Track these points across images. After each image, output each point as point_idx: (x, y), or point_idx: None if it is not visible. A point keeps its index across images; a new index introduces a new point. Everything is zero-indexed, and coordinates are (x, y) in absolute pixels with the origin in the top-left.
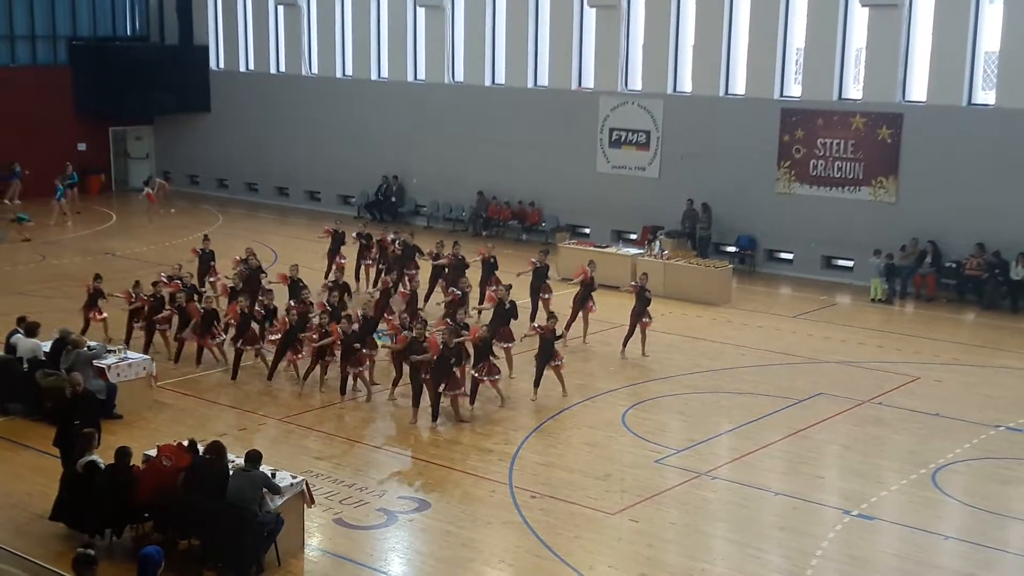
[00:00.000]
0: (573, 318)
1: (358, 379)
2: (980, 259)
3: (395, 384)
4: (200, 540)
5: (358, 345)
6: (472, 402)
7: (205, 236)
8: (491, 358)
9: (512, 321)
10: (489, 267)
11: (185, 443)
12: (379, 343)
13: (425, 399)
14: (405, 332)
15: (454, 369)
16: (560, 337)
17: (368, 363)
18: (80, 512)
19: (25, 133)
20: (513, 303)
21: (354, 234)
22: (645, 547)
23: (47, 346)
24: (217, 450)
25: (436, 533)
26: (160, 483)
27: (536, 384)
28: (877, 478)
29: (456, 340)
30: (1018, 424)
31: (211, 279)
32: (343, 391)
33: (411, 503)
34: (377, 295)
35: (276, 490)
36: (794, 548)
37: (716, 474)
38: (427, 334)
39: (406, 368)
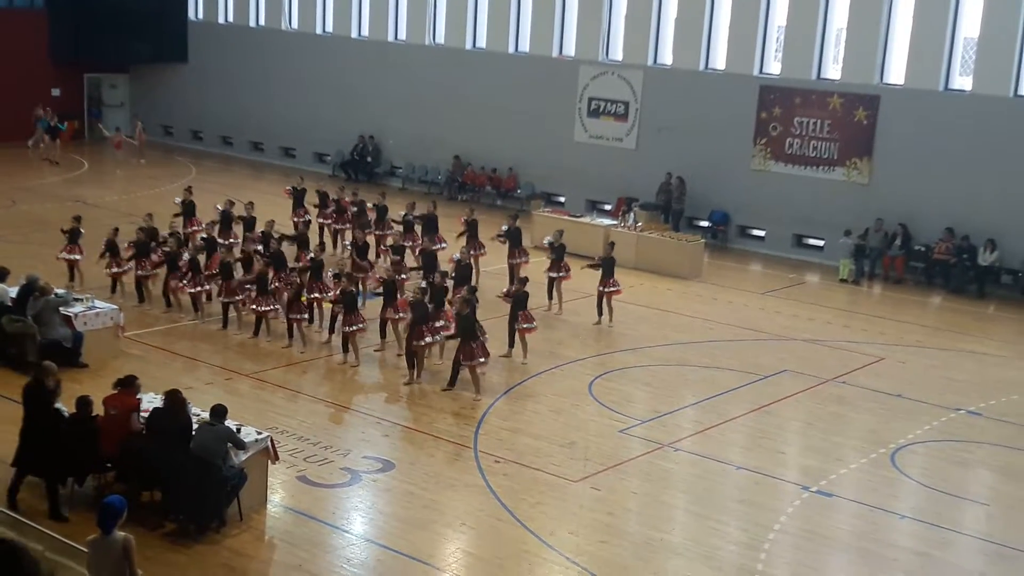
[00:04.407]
0: (549, 287)
1: (351, 340)
2: (949, 243)
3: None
4: (162, 492)
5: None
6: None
7: (188, 188)
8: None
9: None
10: (472, 229)
11: (117, 386)
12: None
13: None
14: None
15: (474, 339)
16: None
17: (361, 323)
18: (43, 460)
19: None
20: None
21: (315, 191)
22: (606, 515)
23: (15, 292)
24: (174, 399)
25: (399, 494)
26: (118, 432)
27: (510, 344)
28: (837, 456)
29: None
30: (978, 408)
31: (192, 230)
32: (345, 349)
33: (375, 463)
34: (348, 256)
35: (241, 445)
36: (753, 521)
37: (679, 446)
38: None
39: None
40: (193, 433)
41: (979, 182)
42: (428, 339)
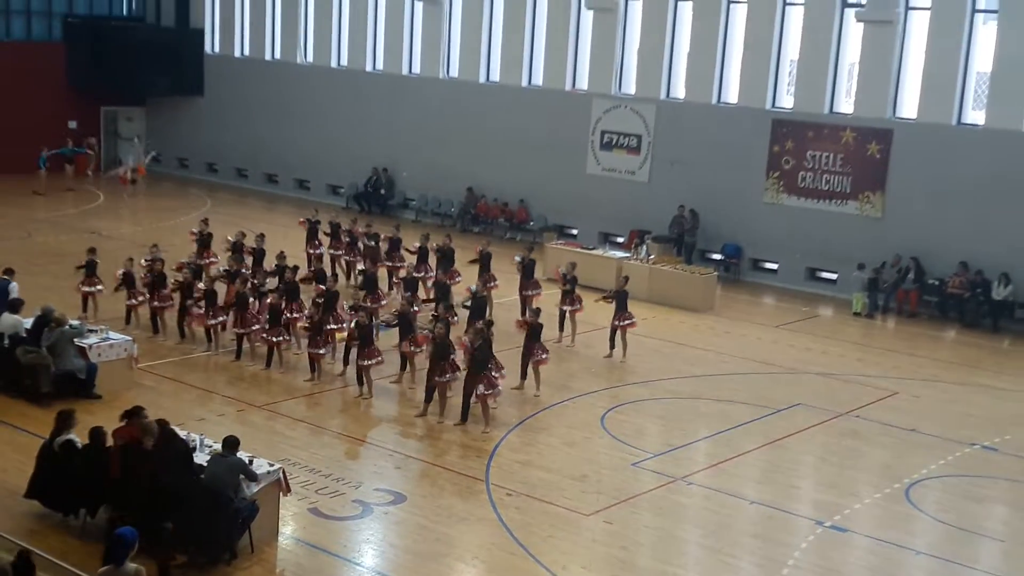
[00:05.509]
0: (560, 319)
1: (365, 373)
2: (963, 278)
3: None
4: (174, 524)
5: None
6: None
7: (204, 220)
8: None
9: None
10: (485, 261)
11: (124, 419)
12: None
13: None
14: (424, 332)
15: (486, 370)
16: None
17: (378, 357)
18: (55, 491)
19: (17, 108)
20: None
21: (326, 224)
22: (619, 549)
23: (29, 323)
24: (162, 429)
25: (411, 527)
26: (124, 464)
27: (522, 376)
28: (851, 491)
29: (481, 340)
30: (993, 443)
31: (208, 261)
32: (360, 382)
33: (387, 496)
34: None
35: (253, 477)
36: (766, 556)
37: (692, 480)
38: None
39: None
40: (197, 462)
41: (993, 216)
42: (447, 376)
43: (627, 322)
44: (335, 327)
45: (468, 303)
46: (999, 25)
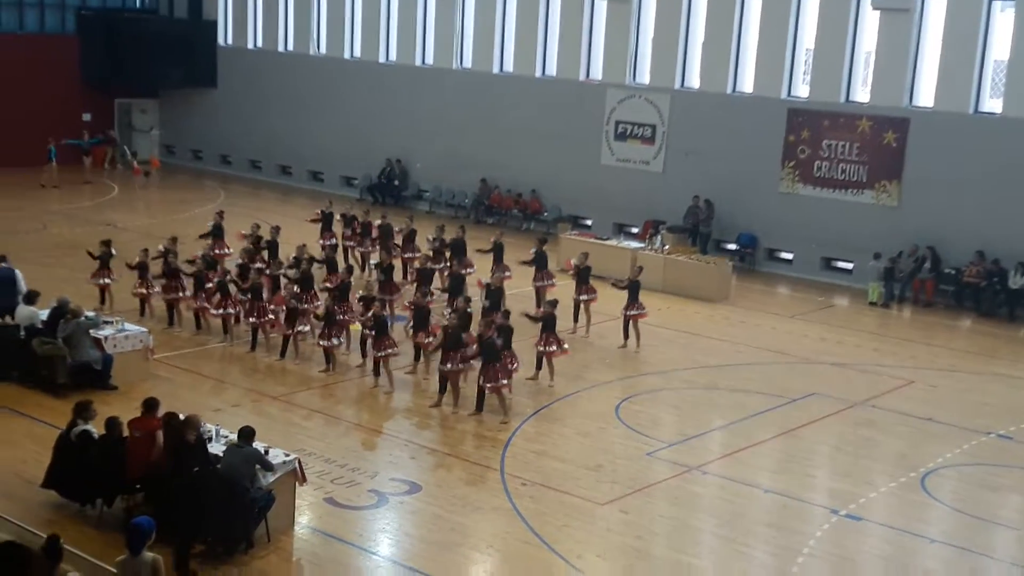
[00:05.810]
0: (575, 309)
1: (383, 364)
2: (979, 267)
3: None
4: (191, 514)
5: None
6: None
7: (220, 212)
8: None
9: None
10: (498, 252)
11: (141, 409)
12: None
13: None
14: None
15: (495, 361)
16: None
17: (393, 348)
18: (72, 481)
19: (31, 101)
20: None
21: (339, 215)
22: (633, 538)
23: (45, 314)
24: (182, 423)
25: (426, 516)
26: (143, 457)
27: (537, 367)
28: (867, 479)
29: (490, 332)
30: (1009, 432)
31: (219, 251)
32: (376, 372)
33: (402, 485)
34: (375, 277)
35: (269, 467)
36: (781, 545)
37: (707, 469)
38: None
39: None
40: (212, 452)
41: (1009, 205)
42: (450, 365)
43: (636, 312)
44: (347, 318)
45: (485, 300)
46: (1016, 12)
